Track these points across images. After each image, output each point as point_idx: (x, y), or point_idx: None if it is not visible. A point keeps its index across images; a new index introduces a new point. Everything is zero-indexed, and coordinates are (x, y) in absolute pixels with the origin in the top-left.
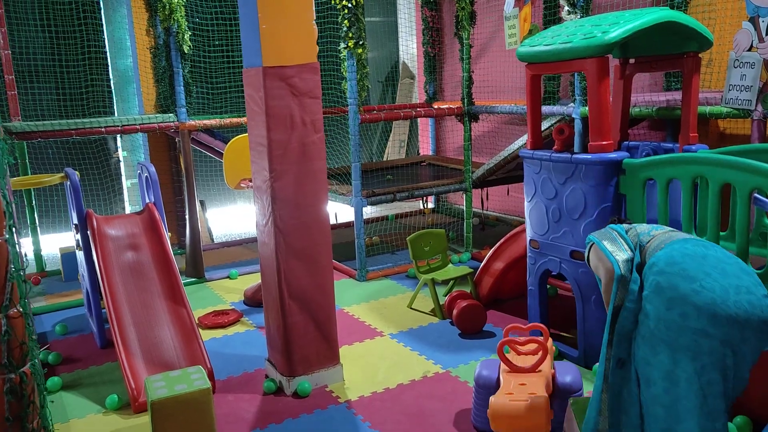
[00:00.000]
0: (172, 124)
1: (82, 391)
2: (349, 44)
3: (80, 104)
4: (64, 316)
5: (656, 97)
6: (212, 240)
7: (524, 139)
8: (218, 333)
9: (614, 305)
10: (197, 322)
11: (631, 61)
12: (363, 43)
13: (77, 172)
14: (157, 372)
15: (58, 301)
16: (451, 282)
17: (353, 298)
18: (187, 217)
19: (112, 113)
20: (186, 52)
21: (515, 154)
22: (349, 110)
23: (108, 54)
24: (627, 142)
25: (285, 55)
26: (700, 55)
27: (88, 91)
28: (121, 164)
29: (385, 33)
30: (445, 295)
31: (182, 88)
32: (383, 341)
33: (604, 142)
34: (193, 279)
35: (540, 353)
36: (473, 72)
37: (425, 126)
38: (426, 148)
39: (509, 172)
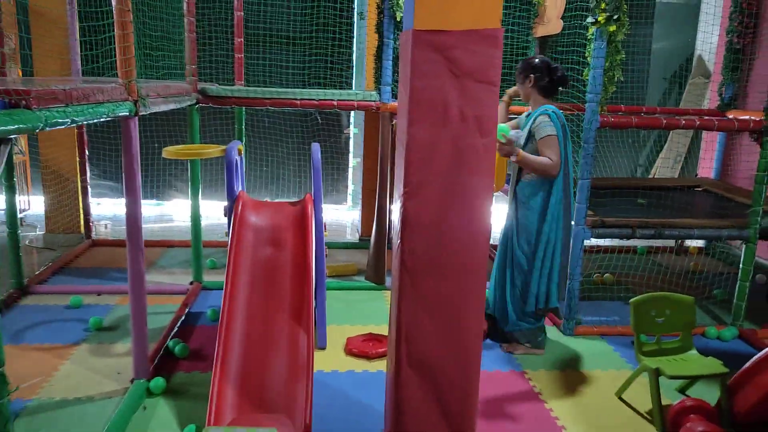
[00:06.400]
0: (372, 103)
1: (179, 403)
2: (599, 19)
3: (321, 75)
4: None
5: None
6: None
7: None
8: (359, 365)
9: None
10: (345, 343)
11: None
12: (620, 19)
13: (240, 148)
14: (248, 408)
15: None
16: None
17: (543, 361)
18: (375, 212)
19: (350, 87)
20: (399, 20)
21: None
22: (586, 108)
23: (354, 25)
24: None
25: (444, 13)
26: None
27: (329, 62)
28: (351, 141)
29: (682, 18)
30: (677, 390)
31: (390, 62)
32: None
33: None
34: (372, 284)
35: None
36: None
37: (712, 141)
38: (707, 169)
39: None
